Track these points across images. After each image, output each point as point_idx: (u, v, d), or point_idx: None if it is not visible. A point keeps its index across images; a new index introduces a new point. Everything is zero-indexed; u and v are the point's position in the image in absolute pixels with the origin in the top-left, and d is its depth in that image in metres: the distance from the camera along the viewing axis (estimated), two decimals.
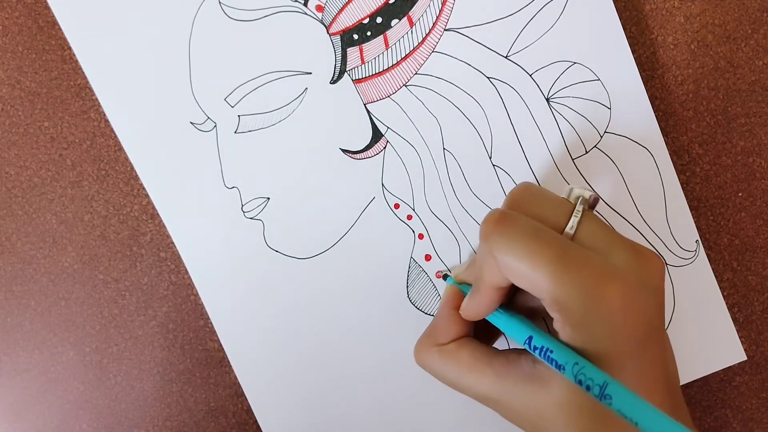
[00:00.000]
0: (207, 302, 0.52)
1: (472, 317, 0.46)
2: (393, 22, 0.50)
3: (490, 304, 0.45)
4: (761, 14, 0.53)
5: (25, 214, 0.52)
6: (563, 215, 0.43)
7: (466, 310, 0.46)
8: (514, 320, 0.44)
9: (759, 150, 0.54)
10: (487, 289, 0.44)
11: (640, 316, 0.41)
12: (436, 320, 0.49)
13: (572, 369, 0.39)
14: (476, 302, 0.45)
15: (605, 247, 0.42)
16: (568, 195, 0.44)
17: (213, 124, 0.50)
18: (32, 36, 0.51)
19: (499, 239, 0.41)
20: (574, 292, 0.39)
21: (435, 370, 0.47)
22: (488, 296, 0.44)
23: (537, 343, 0.42)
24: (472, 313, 0.46)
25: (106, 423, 0.54)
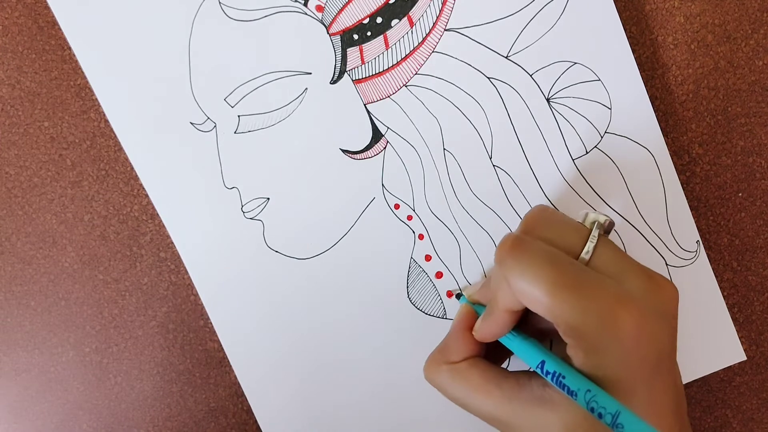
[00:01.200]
0: (207, 303, 0.52)
1: (486, 339, 0.46)
2: (393, 22, 0.50)
3: (503, 327, 0.45)
4: (761, 14, 0.53)
5: (25, 214, 0.52)
6: (579, 240, 0.43)
7: (479, 332, 0.46)
8: (526, 344, 0.44)
9: (759, 150, 0.54)
10: (500, 312, 0.44)
11: (653, 344, 0.41)
12: (448, 338, 0.49)
13: (584, 396, 0.39)
14: (489, 324, 0.45)
15: (620, 273, 0.42)
16: (584, 219, 0.44)
17: (213, 125, 0.50)
18: (32, 36, 0.51)
19: (513, 264, 0.41)
20: (589, 319, 0.39)
21: (444, 388, 0.47)
22: (502, 319, 0.44)
23: (549, 368, 0.42)
24: (486, 335, 0.46)
25: (105, 423, 0.54)
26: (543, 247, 0.42)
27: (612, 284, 0.41)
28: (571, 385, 0.40)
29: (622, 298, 0.40)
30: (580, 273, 0.40)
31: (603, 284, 0.40)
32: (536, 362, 0.43)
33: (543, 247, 0.42)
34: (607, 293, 0.40)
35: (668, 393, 0.42)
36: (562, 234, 0.43)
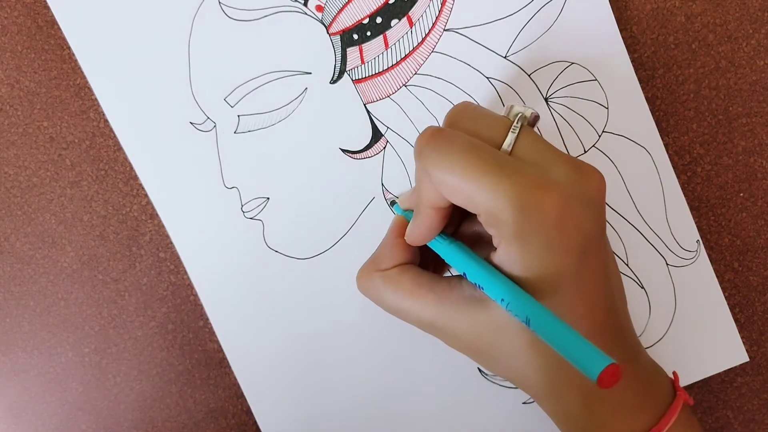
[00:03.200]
0: (206, 303, 0.52)
1: (416, 242, 0.46)
2: (393, 22, 0.50)
3: (431, 227, 0.44)
4: (762, 14, 0.53)
5: (24, 214, 0.52)
6: (502, 131, 0.41)
7: (409, 235, 0.46)
8: (452, 248, 0.44)
9: (760, 150, 0.54)
10: (426, 209, 0.43)
11: (578, 229, 0.40)
12: (380, 247, 0.48)
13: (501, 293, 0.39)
14: (417, 225, 0.44)
15: (544, 162, 0.41)
16: (508, 113, 0.43)
17: (213, 124, 0.50)
18: (31, 35, 0.51)
19: (431, 154, 0.40)
20: (508, 203, 0.38)
21: (376, 296, 0.47)
22: (428, 217, 0.43)
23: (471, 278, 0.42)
24: (415, 237, 0.45)
25: (105, 424, 0.53)
26: (462, 136, 0.41)
27: (534, 170, 0.40)
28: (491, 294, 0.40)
29: (544, 183, 0.39)
30: (500, 159, 0.39)
31: (523, 170, 0.39)
32: (461, 269, 0.43)
33: (462, 136, 0.41)
34: (527, 178, 0.39)
35: (598, 283, 0.42)
36: (485, 126, 0.42)
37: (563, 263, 0.40)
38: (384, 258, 0.47)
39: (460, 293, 0.43)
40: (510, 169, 0.39)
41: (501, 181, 0.39)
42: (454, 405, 0.53)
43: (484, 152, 0.40)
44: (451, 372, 0.53)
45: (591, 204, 0.41)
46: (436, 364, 0.53)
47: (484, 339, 0.43)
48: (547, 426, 0.53)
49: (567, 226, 0.39)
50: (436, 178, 0.40)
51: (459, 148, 0.40)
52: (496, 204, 0.39)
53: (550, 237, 0.39)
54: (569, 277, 0.40)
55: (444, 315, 0.44)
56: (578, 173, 0.41)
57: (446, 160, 0.40)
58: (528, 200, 0.39)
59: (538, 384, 0.43)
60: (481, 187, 0.39)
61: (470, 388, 0.53)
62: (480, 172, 0.39)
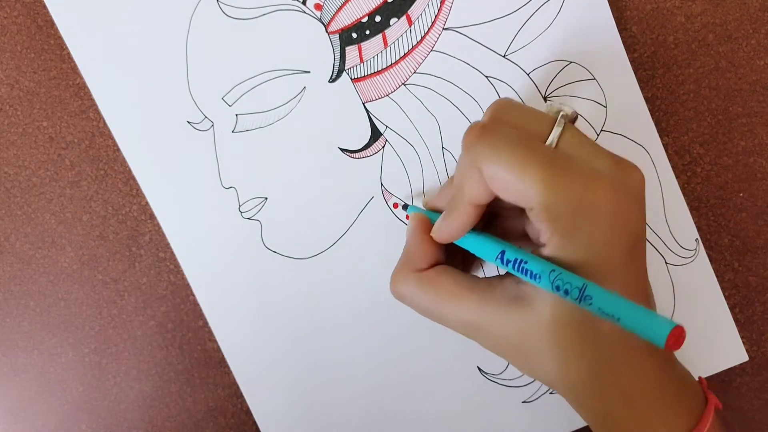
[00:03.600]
0: (204, 303, 0.52)
1: (446, 239, 0.45)
2: (392, 20, 0.50)
3: (465, 223, 0.43)
4: (762, 14, 0.53)
5: (24, 214, 0.52)
6: (545, 126, 0.41)
7: (440, 231, 0.45)
8: (483, 237, 0.44)
9: (760, 150, 0.54)
10: (465, 206, 0.42)
11: (628, 223, 0.40)
12: (408, 248, 0.47)
13: (549, 276, 0.39)
14: (451, 221, 0.44)
15: (588, 155, 0.41)
16: (549, 110, 0.43)
17: (210, 124, 0.50)
18: (31, 35, 0.51)
19: (484, 150, 0.40)
20: (564, 197, 0.39)
21: (413, 299, 0.46)
22: (466, 214, 0.43)
23: (510, 256, 0.41)
24: (447, 234, 0.45)
25: (105, 424, 0.54)
26: (512, 131, 0.41)
27: (582, 164, 0.40)
28: (534, 268, 0.40)
29: (594, 175, 0.40)
30: (551, 154, 0.40)
31: (573, 164, 0.40)
32: (496, 253, 0.42)
33: (512, 131, 0.41)
34: (581, 172, 0.39)
35: (641, 279, 0.42)
36: (529, 121, 0.42)
37: (614, 254, 0.40)
38: (417, 258, 0.46)
39: (503, 292, 0.43)
40: (563, 164, 0.39)
41: (555, 176, 0.39)
42: (454, 404, 0.53)
43: (536, 147, 0.40)
44: (450, 372, 0.53)
45: (636, 198, 0.42)
46: (435, 364, 0.53)
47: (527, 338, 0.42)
48: (547, 426, 0.53)
49: (619, 220, 0.40)
50: (489, 173, 0.40)
51: (511, 144, 0.40)
52: (552, 198, 0.39)
53: (604, 229, 0.39)
54: (619, 267, 0.40)
55: (486, 315, 0.43)
56: (621, 168, 0.41)
57: (500, 155, 0.39)
58: (583, 193, 0.39)
59: (581, 384, 0.43)
60: (537, 182, 0.39)
61: (470, 388, 0.53)
62: (535, 167, 0.39)
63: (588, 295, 0.37)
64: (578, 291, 0.37)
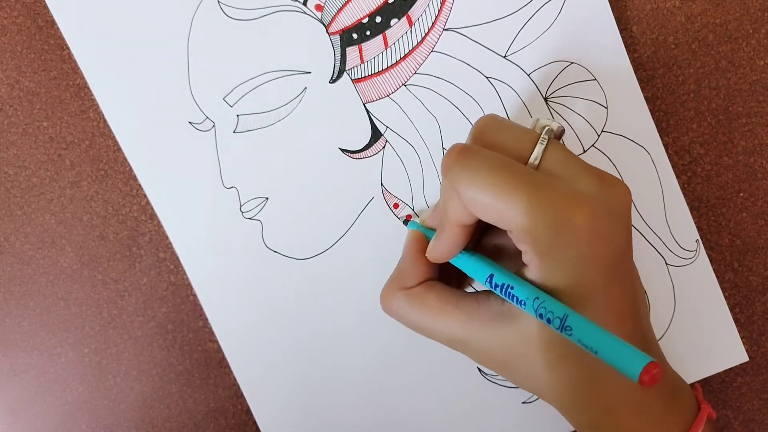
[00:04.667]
0: (205, 303, 0.52)
1: (438, 259, 0.45)
2: (392, 21, 0.50)
3: (455, 244, 0.44)
4: (762, 14, 0.53)
5: (24, 214, 0.52)
6: (529, 144, 0.42)
7: (432, 251, 0.45)
8: (474, 259, 0.44)
9: (760, 150, 0.54)
10: (452, 227, 0.43)
11: (608, 242, 0.40)
12: (401, 265, 0.48)
13: (533, 303, 0.39)
14: (441, 243, 0.44)
15: (571, 174, 0.41)
16: (534, 126, 0.43)
17: (211, 124, 0.50)
18: (31, 36, 0.51)
19: (461, 172, 0.40)
20: (541, 219, 0.39)
21: (401, 315, 0.47)
22: (454, 235, 0.43)
23: (498, 280, 0.41)
24: (438, 254, 0.45)
25: (105, 424, 0.53)
26: (490, 153, 0.41)
27: (563, 185, 0.40)
28: (520, 294, 0.40)
29: (574, 197, 0.39)
30: (530, 175, 0.40)
31: (553, 185, 0.40)
32: (485, 276, 0.42)
33: (490, 153, 0.41)
34: (558, 193, 0.39)
35: (626, 296, 0.42)
36: (512, 139, 0.42)
37: (594, 276, 0.40)
38: (407, 275, 0.47)
39: (488, 309, 0.43)
40: (540, 185, 0.39)
41: (532, 198, 0.39)
42: (454, 405, 0.53)
43: (513, 169, 0.40)
44: (450, 372, 0.53)
45: (618, 216, 0.41)
46: (435, 364, 0.53)
47: (512, 353, 0.43)
48: (547, 427, 0.53)
49: (597, 240, 0.40)
50: (467, 196, 0.40)
51: (488, 166, 0.40)
52: (529, 220, 0.39)
53: (582, 251, 0.39)
54: (599, 289, 0.40)
55: (472, 331, 0.44)
56: (604, 186, 0.41)
57: (476, 178, 0.40)
58: (560, 215, 0.39)
59: (566, 397, 0.43)
60: (513, 204, 0.39)
61: (470, 388, 0.53)
62: (511, 189, 0.39)
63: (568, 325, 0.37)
64: (559, 321, 0.38)
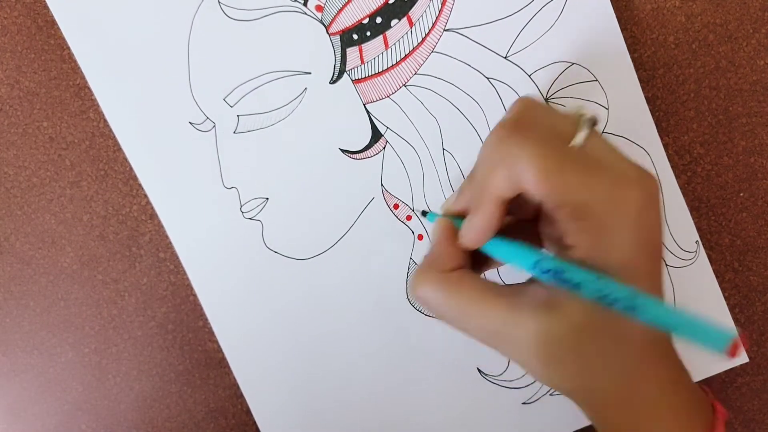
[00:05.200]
0: (205, 303, 0.52)
1: (474, 240, 0.43)
2: (393, 22, 0.50)
3: (493, 223, 0.41)
4: (762, 14, 0.53)
5: (24, 214, 0.52)
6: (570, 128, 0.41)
7: (466, 234, 0.43)
8: (516, 245, 0.42)
9: (760, 150, 0.54)
10: (491, 204, 0.41)
11: (653, 227, 0.40)
12: (433, 251, 0.44)
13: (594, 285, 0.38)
14: (477, 221, 0.42)
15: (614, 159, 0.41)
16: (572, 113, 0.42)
17: (212, 124, 0.50)
18: (31, 36, 0.51)
19: (516, 145, 0.39)
20: (597, 196, 0.38)
21: (436, 301, 0.43)
22: (491, 212, 0.41)
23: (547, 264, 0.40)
24: (474, 235, 0.42)
25: (105, 424, 0.53)
26: (544, 129, 0.40)
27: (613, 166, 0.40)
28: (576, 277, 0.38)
29: (626, 178, 0.39)
30: (584, 154, 0.40)
31: (605, 165, 0.40)
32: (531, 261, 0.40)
33: (544, 129, 0.40)
34: (611, 172, 0.39)
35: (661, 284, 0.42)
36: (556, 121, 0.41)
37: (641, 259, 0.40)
38: (442, 259, 0.43)
39: (532, 297, 0.41)
40: (594, 164, 0.39)
41: (588, 175, 0.39)
42: (454, 406, 0.53)
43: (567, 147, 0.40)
44: (451, 373, 0.53)
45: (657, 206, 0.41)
46: (435, 365, 0.53)
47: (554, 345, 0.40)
48: (547, 427, 0.53)
49: (646, 224, 0.40)
50: (521, 167, 0.39)
51: (544, 141, 0.39)
52: (585, 196, 0.39)
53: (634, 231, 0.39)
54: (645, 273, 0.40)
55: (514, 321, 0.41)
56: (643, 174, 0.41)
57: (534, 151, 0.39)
58: (615, 195, 0.39)
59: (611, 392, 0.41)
60: (570, 179, 0.38)
61: (470, 389, 0.53)
62: (569, 165, 0.39)
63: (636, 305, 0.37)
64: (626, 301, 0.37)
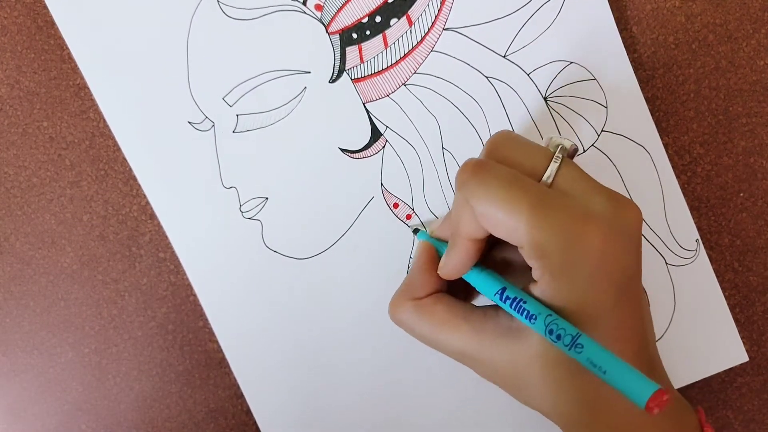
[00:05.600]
0: (205, 303, 0.52)
1: (451, 275, 0.45)
2: (392, 21, 0.50)
3: (467, 259, 0.44)
4: (762, 14, 0.53)
5: (24, 214, 0.52)
6: (543, 161, 0.42)
7: (444, 268, 0.45)
8: (485, 274, 0.44)
9: (760, 150, 0.54)
10: (463, 241, 0.43)
11: (619, 262, 0.40)
12: (411, 276, 0.48)
13: (545, 319, 0.39)
14: (453, 257, 0.44)
15: (584, 193, 0.41)
16: (548, 144, 0.43)
17: (211, 124, 0.50)
18: (31, 36, 0.51)
19: (475, 186, 0.40)
20: (554, 237, 0.39)
21: (410, 325, 0.47)
22: (465, 249, 0.43)
23: (510, 293, 0.42)
24: (450, 270, 0.45)
25: (105, 424, 0.53)
26: (505, 169, 0.41)
27: (576, 203, 0.40)
28: (532, 309, 0.40)
29: (587, 216, 0.40)
30: (544, 193, 0.40)
31: (567, 203, 0.40)
32: (495, 290, 0.42)
33: (505, 169, 0.41)
34: (572, 211, 0.40)
35: (635, 317, 0.42)
36: (526, 156, 0.42)
37: (603, 296, 0.40)
38: (417, 287, 0.47)
39: (497, 324, 0.44)
40: (554, 203, 0.40)
41: (546, 215, 0.39)
42: (454, 405, 0.53)
43: (527, 185, 0.40)
44: (450, 372, 0.53)
45: (630, 238, 0.42)
46: (435, 365, 0.53)
47: (519, 370, 0.43)
48: (547, 428, 0.53)
49: (609, 260, 0.40)
50: (480, 210, 0.40)
51: (503, 182, 0.40)
52: (541, 237, 0.39)
53: (594, 269, 0.40)
54: (608, 310, 0.40)
55: (479, 346, 0.44)
56: (617, 206, 0.41)
57: (490, 192, 0.40)
58: (573, 234, 0.39)
59: (571, 416, 0.43)
60: (527, 220, 0.39)
61: (471, 389, 0.53)
62: (525, 206, 0.39)
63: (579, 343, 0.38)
64: (570, 338, 0.38)
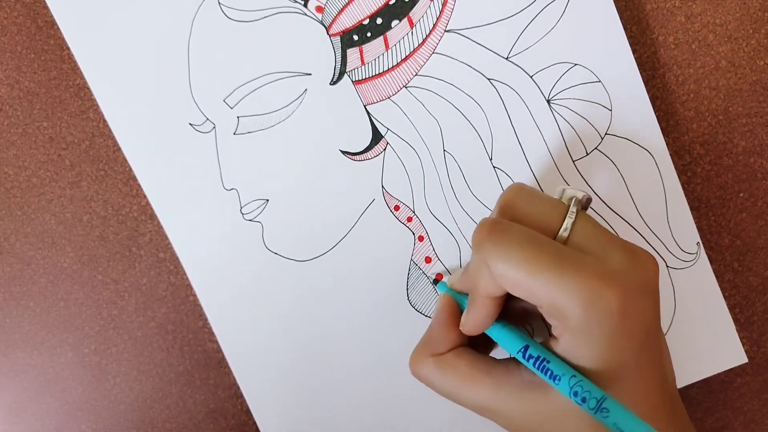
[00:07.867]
0: (205, 304, 0.52)
1: (472, 332, 0.45)
2: (393, 23, 0.50)
3: (488, 316, 0.44)
4: (762, 14, 0.53)
5: (24, 214, 0.52)
6: (557, 217, 0.42)
7: (466, 325, 0.45)
8: (506, 330, 0.44)
9: (760, 150, 0.54)
10: (482, 299, 0.43)
11: (639, 320, 0.40)
12: (431, 330, 0.48)
13: (569, 381, 0.39)
14: (474, 315, 0.44)
15: (600, 248, 0.41)
16: (561, 195, 0.44)
17: (212, 126, 0.50)
18: (31, 36, 0.51)
19: (492, 248, 0.40)
20: (572, 298, 0.39)
21: (432, 381, 0.47)
22: (485, 307, 0.43)
23: (533, 352, 0.42)
24: (472, 327, 0.45)
25: (104, 424, 0.53)
26: (521, 228, 0.41)
27: (593, 261, 0.40)
28: (555, 369, 0.40)
29: (605, 274, 0.40)
30: (560, 252, 0.40)
31: (584, 262, 0.40)
32: (518, 347, 0.42)
33: (521, 228, 0.41)
34: (589, 271, 0.39)
35: (656, 369, 0.42)
36: (541, 211, 0.42)
37: (626, 355, 0.40)
38: (437, 341, 0.47)
39: (519, 378, 0.43)
40: (571, 263, 0.39)
41: (564, 276, 0.39)
42: (455, 407, 0.53)
43: (544, 245, 0.40)
44: None
45: (648, 292, 0.42)
46: None
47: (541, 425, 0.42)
48: None
49: (629, 317, 0.40)
50: (498, 272, 0.40)
51: (519, 242, 0.40)
52: (560, 298, 0.39)
53: (614, 329, 0.39)
54: (631, 368, 0.40)
55: (501, 400, 0.44)
56: (634, 260, 0.41)
57: (508, 254, 0.40)
58: (591, 294, 0.39)
59: None
60: (545, 281, 0.39)
61: None
62: (543, 267, 0.39)
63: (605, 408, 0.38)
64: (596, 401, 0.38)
